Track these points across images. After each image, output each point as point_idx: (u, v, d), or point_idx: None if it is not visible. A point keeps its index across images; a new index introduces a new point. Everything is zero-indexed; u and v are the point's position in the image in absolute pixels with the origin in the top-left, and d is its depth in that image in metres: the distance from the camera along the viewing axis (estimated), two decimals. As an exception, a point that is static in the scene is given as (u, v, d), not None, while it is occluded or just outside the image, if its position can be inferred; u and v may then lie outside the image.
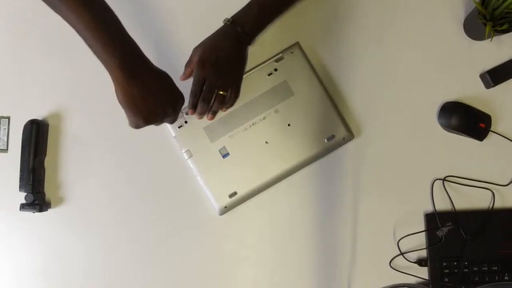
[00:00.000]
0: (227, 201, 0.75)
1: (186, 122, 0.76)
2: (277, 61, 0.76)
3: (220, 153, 0.75)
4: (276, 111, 0.75)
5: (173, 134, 0.76)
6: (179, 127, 0.76)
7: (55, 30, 0.80)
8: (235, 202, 0.75)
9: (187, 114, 0.74)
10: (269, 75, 0.76)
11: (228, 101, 0.72)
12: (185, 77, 0.72)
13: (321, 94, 0.76)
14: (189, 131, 0.76)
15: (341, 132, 0.75)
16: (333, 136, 0.75)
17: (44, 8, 0.80)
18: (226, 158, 0.75)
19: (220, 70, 0.69)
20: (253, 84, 0.76)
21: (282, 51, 0.77)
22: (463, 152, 0.77)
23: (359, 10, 0.79)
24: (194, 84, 0.70)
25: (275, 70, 0.76)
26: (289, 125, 0.75)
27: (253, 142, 0.75)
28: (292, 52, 0.77)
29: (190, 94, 0.70)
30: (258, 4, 0.71)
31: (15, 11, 0.81)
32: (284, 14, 0.75)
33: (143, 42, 0.62)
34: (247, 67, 0.74)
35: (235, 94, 0.72)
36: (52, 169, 0.78)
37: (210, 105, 0.71)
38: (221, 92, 0.70)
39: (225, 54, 0.69)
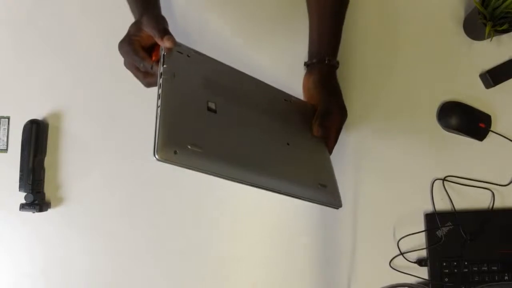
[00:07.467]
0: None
1: None
2: None
3: None
4: None
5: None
6: None
7: (55, 30, 0.80)
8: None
9: None
10: None
11: None
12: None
13: None
14: None
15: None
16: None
17: (44, 8, 0.81)
18: None
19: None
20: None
21: None
22: (463, 152, 0.77)
23: (359, 10, 0.79)
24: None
25: None
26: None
27: None
28: None
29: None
30: (331, 32, 0.72)
31: (16, 12, 0.81)
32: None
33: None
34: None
35: None
36: (52, 169, 0.78)
37: None
38: None
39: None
